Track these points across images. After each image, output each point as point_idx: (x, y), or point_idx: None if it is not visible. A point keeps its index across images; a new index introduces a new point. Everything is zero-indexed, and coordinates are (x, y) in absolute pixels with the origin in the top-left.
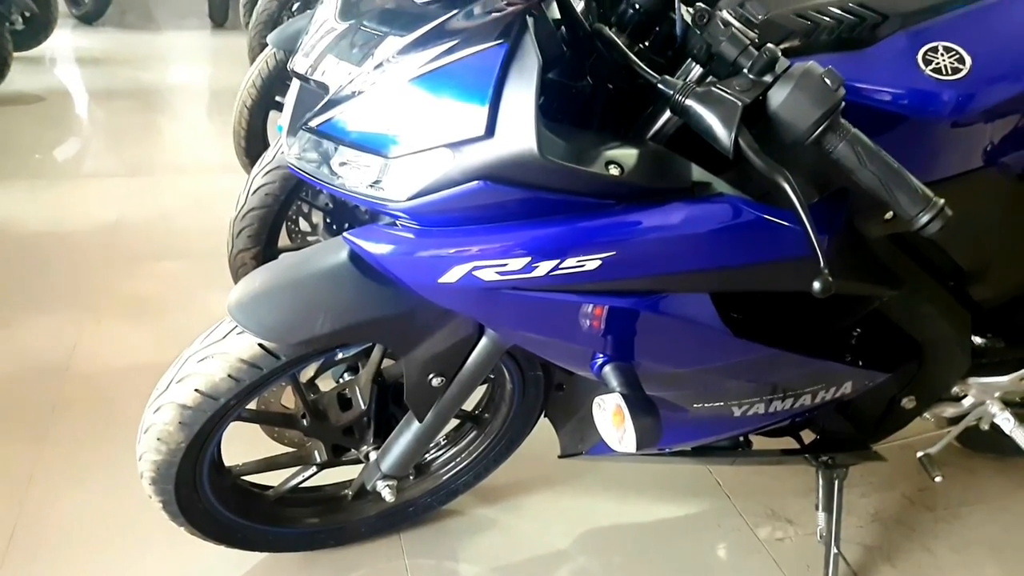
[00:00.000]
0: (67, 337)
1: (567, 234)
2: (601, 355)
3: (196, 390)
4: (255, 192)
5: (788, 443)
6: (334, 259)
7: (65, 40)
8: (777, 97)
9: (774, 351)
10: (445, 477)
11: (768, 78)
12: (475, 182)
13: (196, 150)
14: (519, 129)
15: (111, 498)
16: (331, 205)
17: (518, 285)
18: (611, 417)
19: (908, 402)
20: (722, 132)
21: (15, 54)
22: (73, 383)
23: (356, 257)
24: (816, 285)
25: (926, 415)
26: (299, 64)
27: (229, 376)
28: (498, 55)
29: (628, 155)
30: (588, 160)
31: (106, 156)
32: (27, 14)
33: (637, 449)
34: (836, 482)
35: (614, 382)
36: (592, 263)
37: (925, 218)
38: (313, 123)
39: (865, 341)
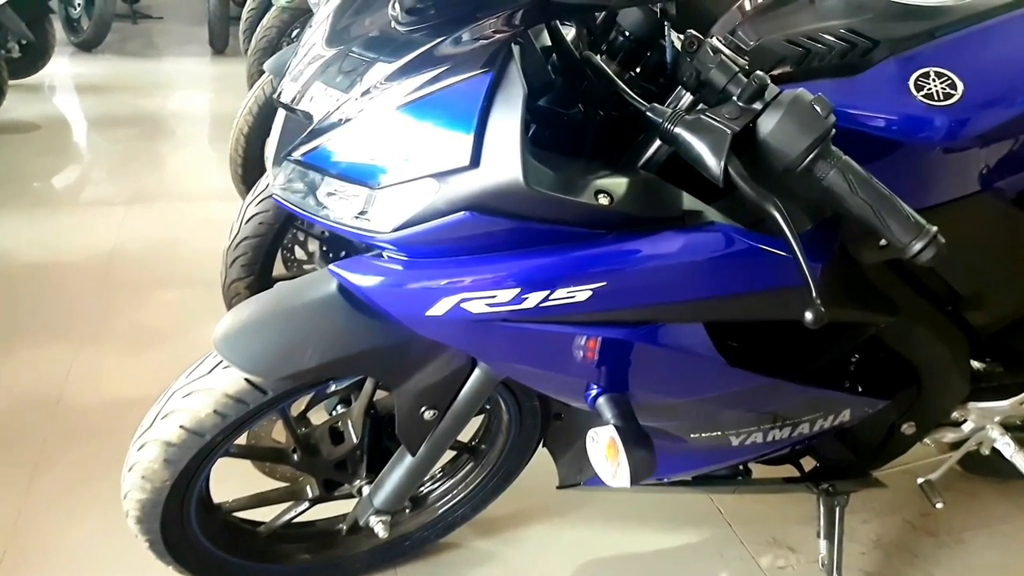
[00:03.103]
0: (60, 368)
1: (557, 265)
2: (595, 387)
3: (181, 426)
4: (248, 221)
5: (788, 471)
6: (323, 290)
7: (63, 68)
8: (767, 124)
9: (770, 380)
10: (442, 510)
11: (757, 105)
12: (461, 213)
13: (195, 178)
14: (504, 159)
15: (102, 531)
16: (327, 233)
17: (508, 317)
18: (605, 450)
19: (908, 428)
20: (712, 161)
21: (11, 82)
22: (65, 416)
23: (346, 288)
24: (808, 316)
25: (926, 440)
26: (285, 93)
27: (215, 412)
28: (483, 84)
29: (618, 184)
30: (577, 190)
31: (104, 184)
32: (23, 42)
33: (632, 483)
34: (837, 509)
35: (608, 414)
36: (583, 294)
37: (918, 246)
38: (298, 153)
39: (863, 368)
